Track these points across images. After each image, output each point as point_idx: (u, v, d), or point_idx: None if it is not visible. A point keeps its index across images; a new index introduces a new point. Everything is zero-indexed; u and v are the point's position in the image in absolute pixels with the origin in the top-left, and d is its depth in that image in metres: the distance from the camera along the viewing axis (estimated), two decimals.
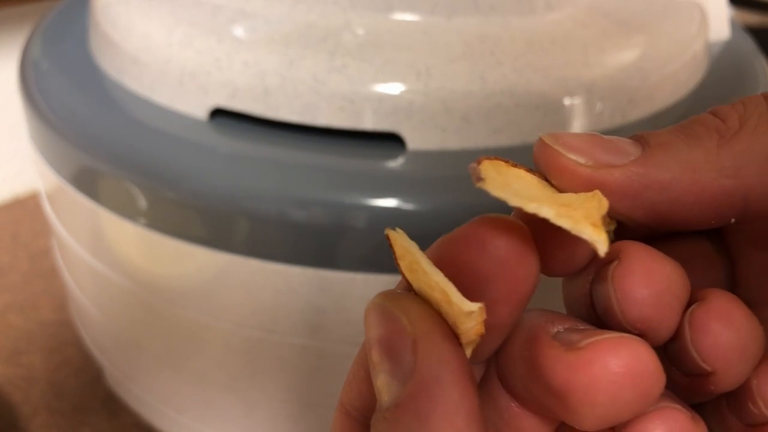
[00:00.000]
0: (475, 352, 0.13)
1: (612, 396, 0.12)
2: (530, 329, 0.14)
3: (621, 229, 0.15)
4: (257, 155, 0.28)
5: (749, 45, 0.38)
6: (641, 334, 0.13)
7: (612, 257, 0.14)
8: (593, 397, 0.12)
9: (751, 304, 0.15)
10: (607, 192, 0.13)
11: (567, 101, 0.28)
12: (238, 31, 0.29)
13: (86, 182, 0.30)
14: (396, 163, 0.27)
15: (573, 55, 0.29)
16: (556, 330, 0.13)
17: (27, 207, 0.58)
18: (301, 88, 0.28)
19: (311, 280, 0.28)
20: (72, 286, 0.38)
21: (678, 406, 0.14)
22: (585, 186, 0.14)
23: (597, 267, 0.14)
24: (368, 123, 0.28)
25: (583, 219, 0.13)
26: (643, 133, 0.14)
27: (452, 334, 0.13)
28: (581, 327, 0.14)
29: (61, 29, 0.38)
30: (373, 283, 0.27)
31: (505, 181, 0.13)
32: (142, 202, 0.29)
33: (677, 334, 0.14)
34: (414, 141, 0.28)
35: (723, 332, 0.13)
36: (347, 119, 0.28)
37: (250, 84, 0.28)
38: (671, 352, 0.14)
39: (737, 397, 0.14)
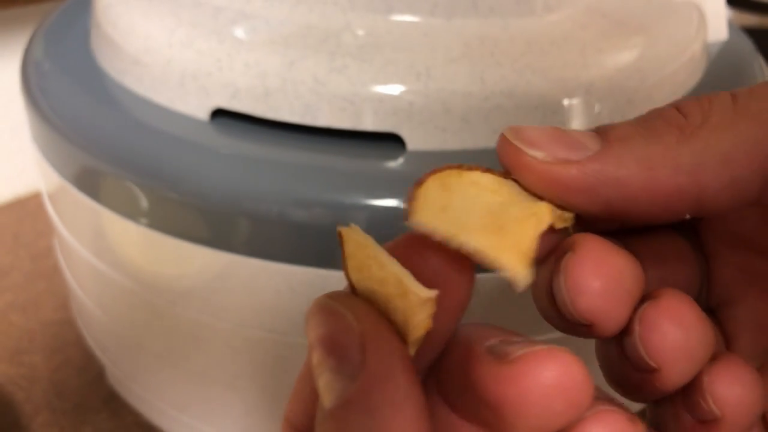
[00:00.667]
0: (415, 356, 0.13)
1: (543, 407, 0.12)
2: (466, 343, 0.14)
3: (588, 222, 0.15)
4: (258, 156, 0.28)
5: (747, 46, 0.38)
6: (590, 326, 0.14)
7: (568, 249, 0.14)
8: (525, 409, 0.12)
9: (725, 301, 0.16)
10: (563, 188, 0.14)
11: (566, 102, 0.28)
12: (239, 32, 0.29)
13: (88, 182, 0.31)
14: (396, 163, 0.28)
15: (572, 56, 0.29)
16: (490, 343, 0.14)
17: (29, 207, 0.59)
18: (302, 89, 0.28)
19: (312, 280, 0.28)
20: (74, 286, 0.38)
21: (616, 408, 0.14)
22: (543, 182, 0.14)
23: (556, 259, 0.14)
24: (368, 124, 0.28)
25: (509, 250, 0.13)
26: (605, 127, 0.14)
27: (396, 332, 0.13)
28: (515, 339, 0.14)
29: (62, 30, 0.38)
30: None
31: (444, 203, 0.14)
32: (144, 202, 0.29)
33: (628, 329, 0.14)
34: (414, 141, 0.28)
35: (671, 331, 0.14)
36: (347, 120, 0.28)
37: (251, 85, 0.28)
38: (623, 345, 0.14)
39: (689, 393, 0.15)
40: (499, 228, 0.13)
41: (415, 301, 0.13)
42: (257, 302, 0.29)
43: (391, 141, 0.28)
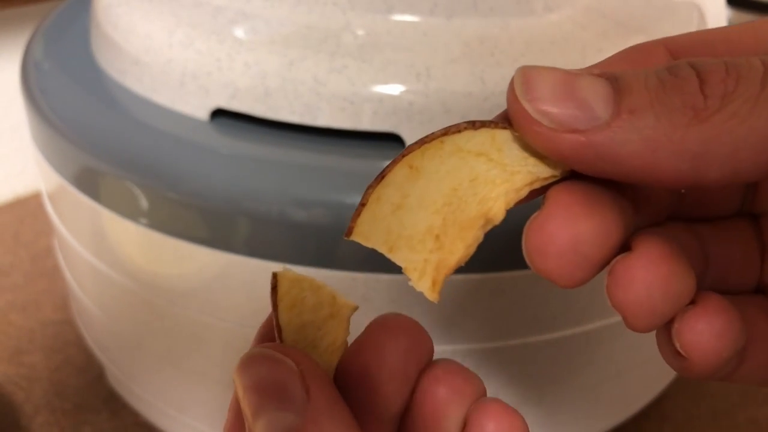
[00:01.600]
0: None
1: None
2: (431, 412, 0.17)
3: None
4: (258, 156, 0.28)
5: None
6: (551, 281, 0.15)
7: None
8: None
9: None
10: (562, 155, 0.14)
11: None
12: (239, 32, 0.29)
13: (88, 182, 0.31)
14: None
15: (572, 56, 0.29)
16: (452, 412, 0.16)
17: (29, 207, 0.59)
18: (302, 89, 0.28)
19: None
20: (73, 286, 0.38)
21: (498, 400, 0.16)
22: (544, 145, 0.14)
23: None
24: (368, 123, 0.28)
25: (430, 272, 0.14)
26: (621, 88, 0.14)
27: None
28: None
29: (62, 30, 0.38)
30: (373, 283, 0.28)
31: (400, 199, 0.15)
32: (144, 202, 0.29)
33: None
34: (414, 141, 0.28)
35: (637, 277, 0.15)
36: (347, 120, 0.28)
37: (251, 85, 0.28)
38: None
39: (668, 330, 0.16)
40: (437, 237, 0.14)
41: (346, 314, 0.15)
42: (257, 302, 0.29)
43: (391, 141, 0.28)
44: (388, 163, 0.15)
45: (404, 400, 0.17)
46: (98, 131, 0.30)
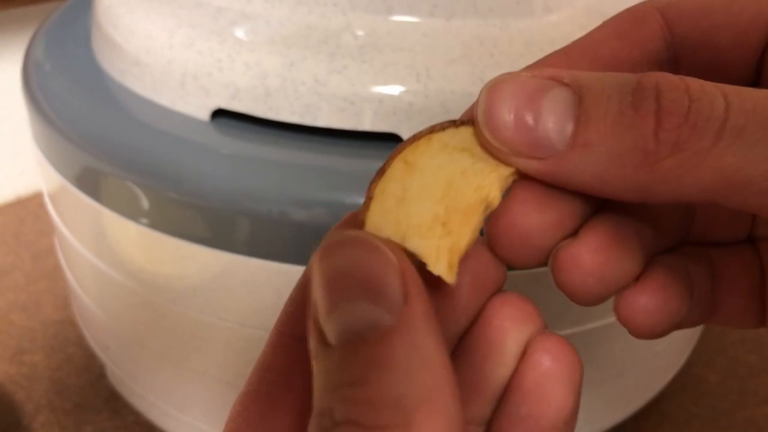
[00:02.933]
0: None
1: None
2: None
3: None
4: (258, 156, 0.28)
5: None
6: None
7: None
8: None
9: None
10: (522, 171, 0.15)
11: None
12: (240, 32, 0.29)
13: (89, 182, 0.31)
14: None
15: None
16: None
17: (30, 207, 0.59)
18: (302, 90, 0.28)
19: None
20: (74, 286, 0.38)
21: (556, 334, 0.16)
22: (507, 164, 0.15)
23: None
24: (368, 124, 0.28)
25: (444, 255, 0.15)
26: (583, 112, 0.14)
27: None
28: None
29: (63, 31, 0.38)
30: None
31: (402, 192, 0.15)
32: (144, 202, 0.29)
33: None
34: None
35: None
36: (347, 120, 0.28)
37: (252, 85, 0.28)
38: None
39: None
40: (444, 224, 0.15)
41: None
42: (257, 302, 0.29)
43: (391, 141, 0.28)
44: (425, 128, 0.16)
45: (468, 320, 0.16)
46: (99, 131, 0.31)
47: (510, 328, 0.16)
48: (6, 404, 0.42)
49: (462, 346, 0.16)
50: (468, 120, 0.16)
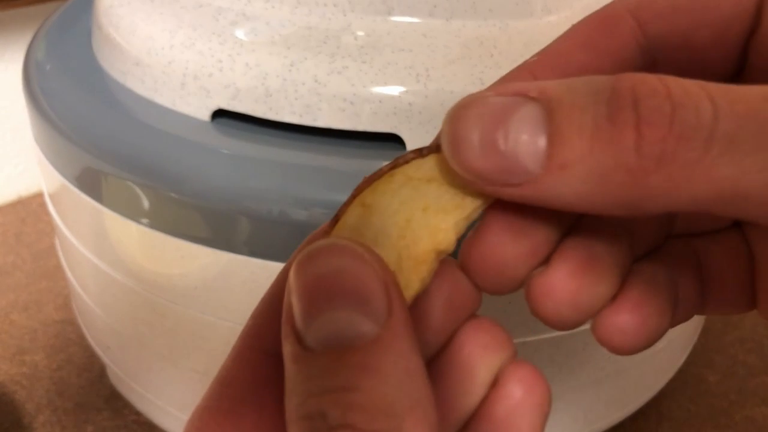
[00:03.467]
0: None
1: None
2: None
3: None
4: (259, 156, 0.28)
5: None
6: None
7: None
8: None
9: None
10: (497, 198, 0.14)
11: None
12: (240, 33, 0.29)
13: (89, 182, 0.31)
14: (387, 163, 0.28)
15: None
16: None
17: (31, 207, 0.59)
18: (302, 90, 0.28)
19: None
20: (75, 286, 0.38)
21: (527, 362, 0.16)
22: (480, 192, 0.14)
23: None
24: (368, 124, 0.28)
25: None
26: (555, 129, 0.13)
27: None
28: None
29: (64, 31, 0.38)
30: None
31: (361, 233, 0.15)
32: (145, 202, 0.29)
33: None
34: (414, 142, 0.28)
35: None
36: (347, 120, 0.28)
37: (252, 85, 0.28)
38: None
39: None
40: (395, 271, 0.14)
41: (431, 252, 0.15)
42: (257, 301, 0.29)
43: (390, 141, 0.28)
44: (387, 163, 0.15)
45: (439, 344, 0.16)
46: (100, 132, 0.31)
47: (482, 356, 0.16)
48: (7, 404, 0.42)
49: (432, 370, 0.16)
50: (435, 146, 0.15)
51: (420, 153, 0.15)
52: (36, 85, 0.34)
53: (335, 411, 0.12)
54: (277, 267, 0.28)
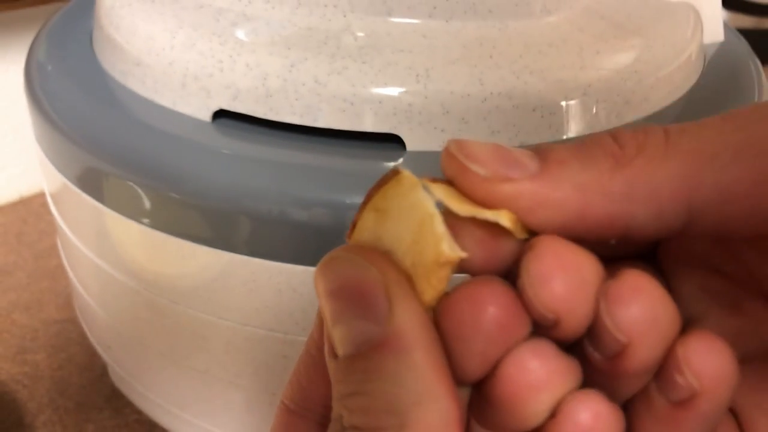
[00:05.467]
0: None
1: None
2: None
3: None
4: (259, 156, 0.29)
5: (743, 47, 0.39)
6: (557, 322, 0.14)
7: (527, 250, 0.14)
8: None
9: (689, 320, 0.16)
10: (501, 204, 0.14)
11: (564, 103, 0.29)
12: (240, 33, 0.29)
13: (91, 183, 0.31)
14: (396, 164, 0.28)
15: (570, 58, 0.29)
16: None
17: (32, 207, 0.59)
18: (303, 90, 0.28)
19: (313, 279, 0.28)
20: (76, 285, 0.38)
21: (597, 392, 0.14)
22: (483, 196, 0.14)
23: (518, 262, 0.15)
24: (368, 125, 0.28)
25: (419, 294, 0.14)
26: (544, 149, 0.15)
27: (411, 284, 0.14)
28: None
29: (65, 32, 0.38)
30: None
31: (379, 233, 0.15)
32: (146, 203, 0.29)
33: (596, 316, 0.14)
34: (414, 142, 0.28)
35: (635, 299, 0.14)
36: (348, 121, 0.28)
37: (252, 86, 0.29)
38: (591, 337, 0.15)
39: (664, 373, 0.14)
40: (409, 277, 0.14)
41: (438, 256, 0.14)
42: (258, 301, 0.29)
43: (391, 142, 0.28)
44: (388, 163, 0.16)
45: (483, 372, 0.14)
46: (101, 132, 0.31)
47: (535, 389, 0.14)
48: (8, 403, 0.42)
49: (479, 395, 0.15)
50: (438, 178, 0.15)
51: (427, 179, 0.15)
52: (37, 86, 0.34)
53: (345, 413, 0.14)
54: (277, 267, 0.28)
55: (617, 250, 0.17)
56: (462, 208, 0.14)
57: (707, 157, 0.14)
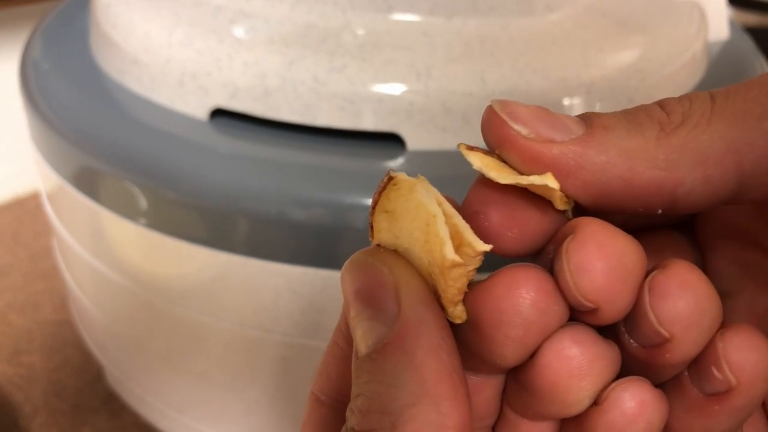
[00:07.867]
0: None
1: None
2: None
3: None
4: (257, 155, 0.28)
5: (748, 45, 0.38)
6: (595, 309, 0.13)
7: (568, 233, 0.14)
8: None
9: (723, 294, 0.16)
10: (543, 166, 0.14)
11: (566, 101, 0.28)
12: (239, 31, 0.29)
13: (87, 182, 0.31)
14: (396, 163, 0.28)
15: (572, 56, 0.29)
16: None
17: (28, 207, 0.59)
18: (302, 89, 0.28)
19: (311, 280, 0.28)
20: (72, 286, 0.38)
21: (642, 379, 0.14)
22: (524, 158, 0.14)
23: (556, 245, 0.14)
24: (368, 123, 0.28)
25: (450, 300, 0.14)
26: (590, 114, 0.14)
27: (426, 283, 0.14)
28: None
29: (61, 30, 0.38)
30: None
31: (395, 231, 0.15)
32: (143, 202, 0.29)
33: (636, 304, 0.14)
34: (414, 141, 0.28)
35: (681, 295, 0.13)
36: (347, 119, 0.28)
37: (251, 84, 0.28)
38: (629, 324, 0.14)
39: (700, 364, 0.14)
40: (430, 274, 0.14)
41: (467, 251, 0.14)
42: (256, 302, 0.29)
43: (391, 141, 0.28)
44: (388, 162, 0.15)
45: (520, 359, 0.14)
46: (97, 131, 0.30)
47: (574, 376, 0.14)
48: (4, 405, 0.42)
49: (516, 383, 0.15)
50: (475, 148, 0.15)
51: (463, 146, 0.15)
52: (33, 84, 0.34)
53: (349, 415, 0.14)
54: (275, 268, 0.28)
55: (656, 219, 0.16)
56: (501, 176, 0.14)
57: (755, 117, 0.13)
